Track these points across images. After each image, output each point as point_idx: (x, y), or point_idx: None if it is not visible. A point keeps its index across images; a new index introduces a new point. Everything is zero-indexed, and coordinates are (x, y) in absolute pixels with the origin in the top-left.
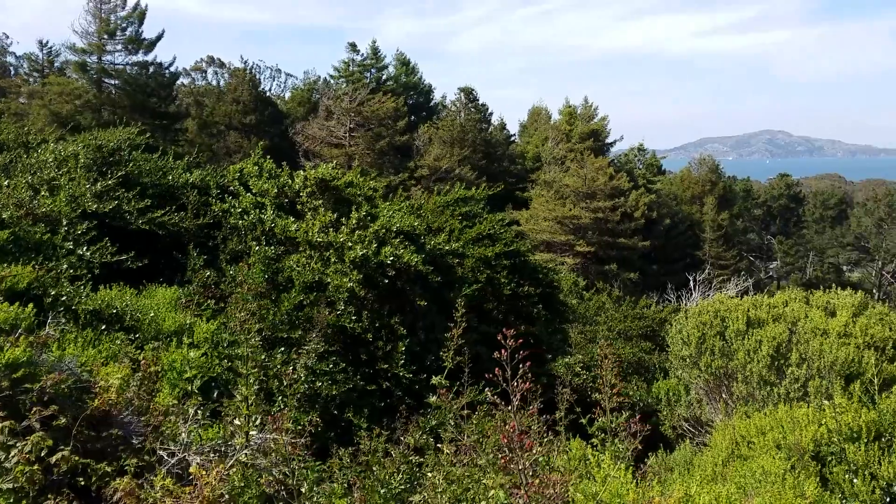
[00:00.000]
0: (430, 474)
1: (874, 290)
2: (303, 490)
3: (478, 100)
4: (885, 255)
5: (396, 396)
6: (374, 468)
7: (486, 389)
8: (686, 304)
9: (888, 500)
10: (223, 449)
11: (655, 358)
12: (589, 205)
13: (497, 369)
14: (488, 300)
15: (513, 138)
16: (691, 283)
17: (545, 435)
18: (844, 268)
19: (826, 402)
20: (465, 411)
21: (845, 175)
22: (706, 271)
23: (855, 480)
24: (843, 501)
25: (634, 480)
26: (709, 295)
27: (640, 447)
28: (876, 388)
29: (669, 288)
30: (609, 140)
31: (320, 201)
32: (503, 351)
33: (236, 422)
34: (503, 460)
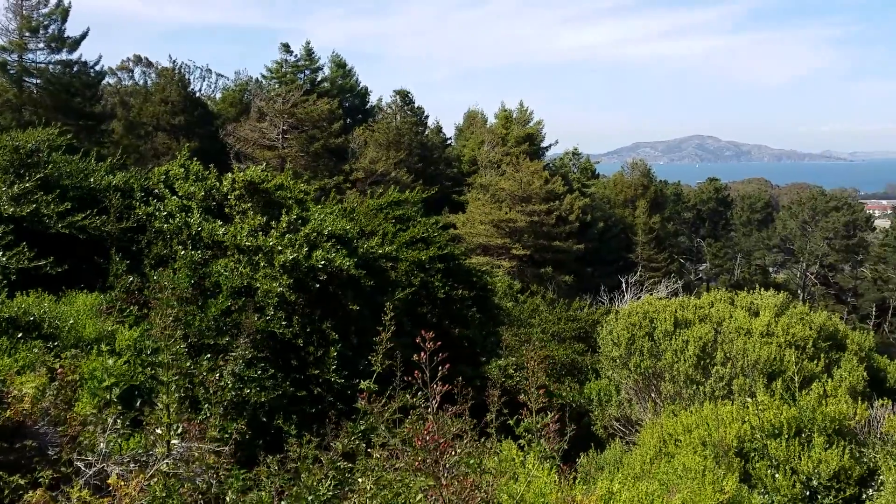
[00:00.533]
0: (360, 480)
1: (799, 291)
2: (227, 499)
3: (414, 103)
4: (808, 257)
5: (328, 402)
6: (303, 475)
7: (419, 393)
8: (618, 306)
9: (808, 493)
10: (144, 459)
11: (588, 359)
12: (525, 208)
13: (416, 372)
14: (422, 304)
15: (449, 142)
16: (623, 286)
17: (475, 437)
18: (771, 269)
19: (749, 399)
20: (398, 415)
21: (771, 179)
22: (638, 273)
23: (776, 475)
24: (766, 496)
25: (558, 480)
26: (640, 296)
27: (566, 447)
28: (796, 385)
29: (603, 290)
30: (544, 144)
31: (249, 204)
32: (422, 354)
33: (158, 431)
34: (417, 463)
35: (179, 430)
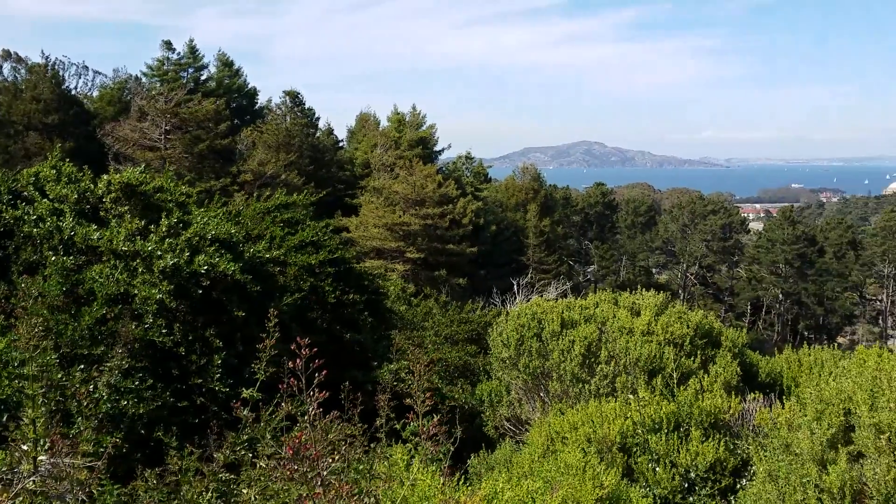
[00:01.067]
0: (245, 491)
1: (680, 291)
2: None
3: (304, 104)
4: (688, 258)
5: (212, 412)
6: (184, 488)
7: (295, 400)
8: (510, 308)
9: (686, 485)
10: (8, 477)
11: (480, 360)
12: (418, 211)
13: (292, 379)
14: (312, 309)
15: (341, 144)
16: (515, 287)
17: (365, 442)
18: (654, 270)
19: (631, 396)
20: (285, 423)
21: (654, 184)
22: (529, 275)
23: (657, 468)
24: (646, 489)
25: (443, 482)
26: (531, 298)
27: (452, 448)
28: (675, 381)
29: (495, 292)
30: (437, 148)
31: (126, 207)
32: (297, 360)
33: (23, 447)
34: (288, 471)
35: (47, 446)
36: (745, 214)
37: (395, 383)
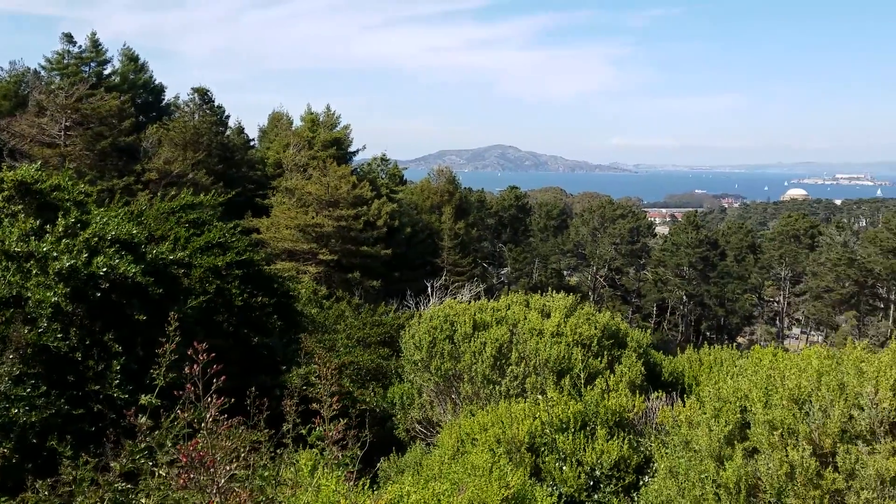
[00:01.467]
0: (143, 501)
1: (590, 293)
2: None
3: (214, 101)
4: (598, 261)
5: (110, 419)
6: (78, 499)
7: (192, 407)
8: (424, 310)
9: (591, 483)
10: None
11: (393, 363)
12: (332, 213)
13: (189, 385)
14: (219, 312)
15: (252, 143)
16: (429, 289)
17: (271, 448)
18: (565, 272)
19: (540, 396)
20: (187, 430)
21: (566, 188)
22: (443, 277)
23: (564, 467)
24: (553, 487)
25: (347, 486)
26: (445, 300)
27: (359, 452)
28: (582, 381)
29: (409, 294)
30: (352, 149)
31: (20, 207)
32: (194, 366)
33: None
34: (182, 480)
35: None
36: (653, 219)
37: (304, 388)
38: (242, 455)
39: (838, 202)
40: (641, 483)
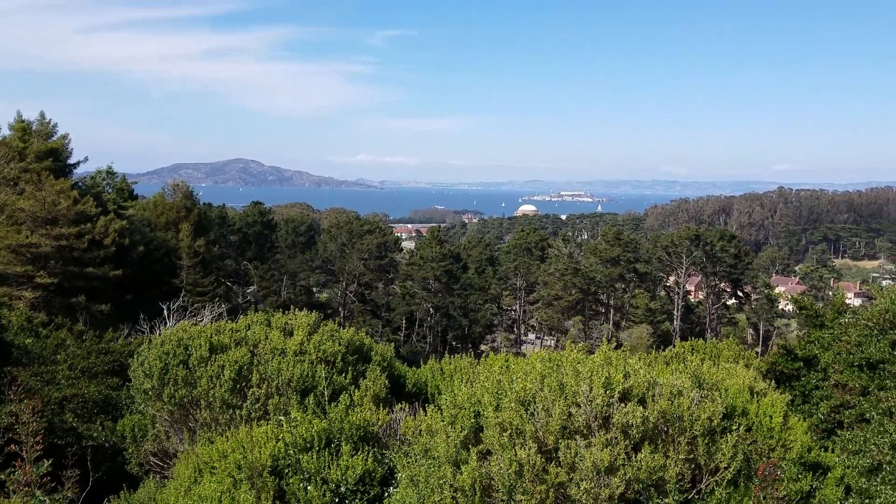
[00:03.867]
0: None
1: (340, 308)
2: None
3: None
4: (347, 277)
5: None
6: None
7: None
8: (157, 334)
9: (337, 499)
10: None
11: (124, 393)
12: (50, 231)
13: None
14: None
15: None
16: (166, 312)
17: None
18: (315, 289)
19: (283, 417)
20: None
21: (312, 204)
22: (181, 298)
23: (309, 487)
24: None
25: None
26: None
27: (69, 496)
28: (326, 398)
29: (143, 318)
30: (72, 161)
31: None
32: None
33: None
34: None
35: None
36: (399, 234)
37: (14, 426)
38: None
39: (563, 217)
40: (386, 494)
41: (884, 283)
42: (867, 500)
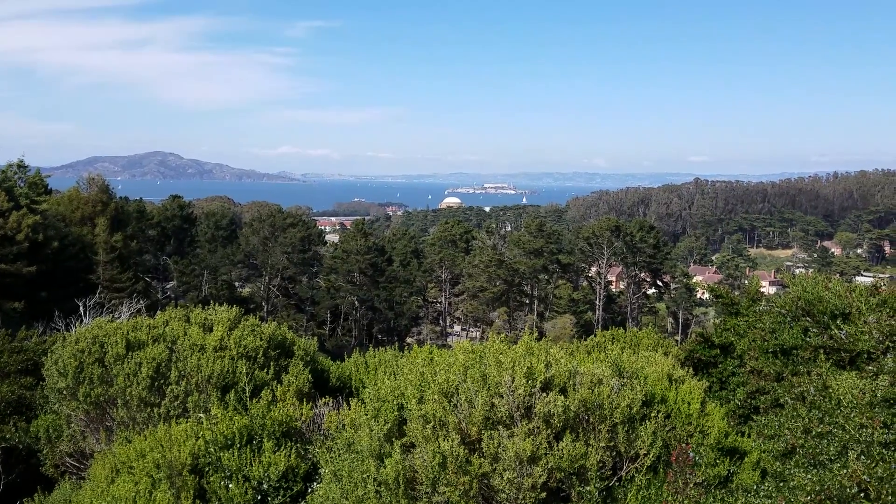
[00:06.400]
0: None
1: (263, 303)
2: None
3: None
4: (270, 271)
5: None
6: None
7: None
8: (72, 332)
9: (259, 497)
10: None
11: (38, 393)
12: None
13: None
14: None
15: None
16: (82, 309)
17: None
18: (237, 283)
19: (203, 414)
20: None
21: (233, 197)
22: (99, 295)
23: (230, 485)
24: None
25: None
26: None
27: None
28: (248, 395)
29: (58, 315)
30: None
31: None
32: None
33: None
34: None
35: None
36: (323, 227)
37: None
38: None
39: (487, 209)
40: (310, 489)
41: (797, 271)
42: (781, 483)
